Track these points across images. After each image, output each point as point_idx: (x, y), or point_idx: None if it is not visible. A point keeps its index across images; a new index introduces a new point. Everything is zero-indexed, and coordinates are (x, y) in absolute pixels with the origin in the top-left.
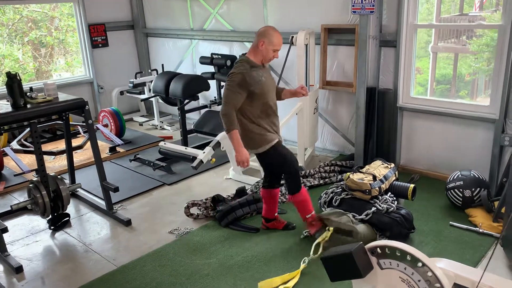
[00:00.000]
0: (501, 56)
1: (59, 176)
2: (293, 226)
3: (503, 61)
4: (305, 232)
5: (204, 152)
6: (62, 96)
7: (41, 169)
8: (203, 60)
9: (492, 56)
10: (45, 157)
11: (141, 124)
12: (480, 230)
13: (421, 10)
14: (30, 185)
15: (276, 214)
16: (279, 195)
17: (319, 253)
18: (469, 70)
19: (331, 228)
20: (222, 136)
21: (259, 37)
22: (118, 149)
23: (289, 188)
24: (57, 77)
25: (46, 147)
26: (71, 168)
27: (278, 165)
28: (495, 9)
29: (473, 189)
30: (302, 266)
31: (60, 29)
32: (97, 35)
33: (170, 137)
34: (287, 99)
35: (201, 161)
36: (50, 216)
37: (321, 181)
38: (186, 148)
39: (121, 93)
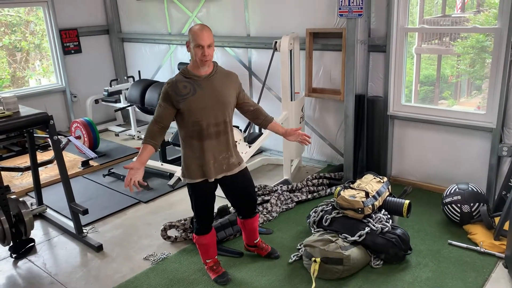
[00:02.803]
0: (497, 61)
1: (21, 199)
2: (277, 256)
3: (499, 66)
4: (293, 256)
5: None
6: (24, 110)
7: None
8: (182, 67)
9: (476, 57)
10: (12, 173)
11: (117, 135)
12: (482, 250)
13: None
14: None
15: (256, 241)
16: (266, 213)
17: (312, 286)
18: (453, 71)
19: (318, 259)
20: None
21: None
22: (91, 163)
23: (194, 227)
24: (34, 83)
25: (14, 162)
26: (38, 187)
27: (192, 204)
28: (477, 10)
29: (471, 204)
30: None
31: (35, 33)
32: (69, 40)
33: None
34: (272, 106)
35: (179, 179)
36: (12, 243)
37: (309, 196)
38: (162, 164)
39: (96, 101)
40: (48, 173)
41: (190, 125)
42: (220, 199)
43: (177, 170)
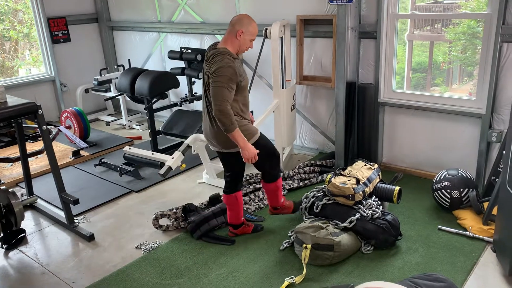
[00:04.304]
0: (487, 46)
1: (10, 190)
2: (261, 227)
3: (489, 52)
4: (285, 243)
5: (172, 158)
6: (12, 100)
7: None
8: (172, 55)
9: (468, 44)
10: (2, 164)
11: (108, 124)
12: (471, 234)
13: None
14: None
15: (243, 218)
16: (258, 200)
17: (303, 272)
18: (445, 58)
19: (309, 246)
20: (192, 139)
21: (237, 27)
22: (82, 152)
23: (274, 174)
24: (24, 72)
25: (4, 153)
26: (28, 177)
27: (264, 156)
28: None
29: (461, 190)
30: (286, 283)
31: (24, 22)
32: (58, 29)
33: (139, 138)
34: (263, 94)
35: (170, 168)
36: (2, 234)
37: (301, 183)
38: (153, 153)
39: (86, 91)
40: (39, 163)
41: (242, 98)
42: (212, 188)
43: (168, 159)
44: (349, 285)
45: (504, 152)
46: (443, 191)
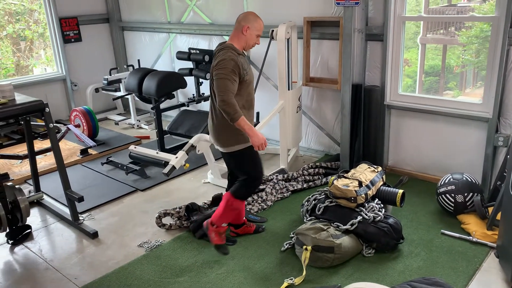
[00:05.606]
0: (494, 50)
1: (18, 186)
2: (263, 228)
3: (496, 55)
4: (286, 244)
5: (176, 157)
6: (20, 98)
7: None
8: (180, 55)
9: (481, 47)
10: (12, 161)
11: (116, 123)
12: (474, 239)
13: (409, 0)
14: None
15: (244, 218)
16: (261, 201)
17: (303, 274)
18: (458, 61)
19: (309, 248)
20: (196, 139)
21: (243, 22)
22: (90, 151)
23: (238, 191)
24: (39, 71)
25: (14, 150)
26: (35, 175)
27: (246, 169)
28: (482, 0)
29: (465, 194)
30: (285, 284)
31: (39, 22)
32: (69, 29)
33: (147, 137)
34: (269, 96)
35: (173, 167)
36: (8, 230)
37: (305, 185)
38: (157, 153)
39: (96, 90)
40: (48, 161)
41: (246, 95)
42: (216, 188)
43: (172, 159)
44: (336, 285)
45: (509, 156)
46: (447, 195)
